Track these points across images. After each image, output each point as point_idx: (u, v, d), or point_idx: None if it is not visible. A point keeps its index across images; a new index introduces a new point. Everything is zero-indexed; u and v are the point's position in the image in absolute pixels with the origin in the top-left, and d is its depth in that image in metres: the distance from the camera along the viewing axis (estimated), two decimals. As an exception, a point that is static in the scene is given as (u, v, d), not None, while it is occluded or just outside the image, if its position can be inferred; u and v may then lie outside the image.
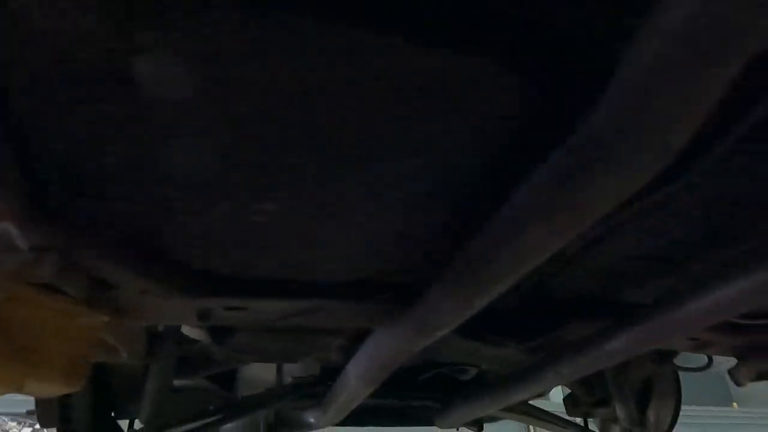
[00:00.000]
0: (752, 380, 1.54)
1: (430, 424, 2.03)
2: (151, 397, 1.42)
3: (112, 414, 1.63)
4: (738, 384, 1.61)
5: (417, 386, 1.91)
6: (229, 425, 2.03)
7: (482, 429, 2.26)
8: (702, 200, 0.91)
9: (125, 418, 1.70)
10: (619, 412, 1.93)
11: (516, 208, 0.68)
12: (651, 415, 2.07)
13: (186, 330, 1.41)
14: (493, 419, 2.42)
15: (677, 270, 1.08)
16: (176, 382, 1.88)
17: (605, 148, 0.53)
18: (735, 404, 8.55)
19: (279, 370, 1.99)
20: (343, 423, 1.94)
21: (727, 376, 1.57)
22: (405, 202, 0.82)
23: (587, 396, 2.10)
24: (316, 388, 1.83)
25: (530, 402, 2.20)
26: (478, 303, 0.87)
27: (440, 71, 0.57)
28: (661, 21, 0.40)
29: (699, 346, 1.48)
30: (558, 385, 1.42)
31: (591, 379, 2.07)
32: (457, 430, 2.35)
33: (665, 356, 1.90)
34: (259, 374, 2.06)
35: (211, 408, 1.79)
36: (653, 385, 2.06)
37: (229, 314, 1.11)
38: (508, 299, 1.19)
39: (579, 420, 2.34)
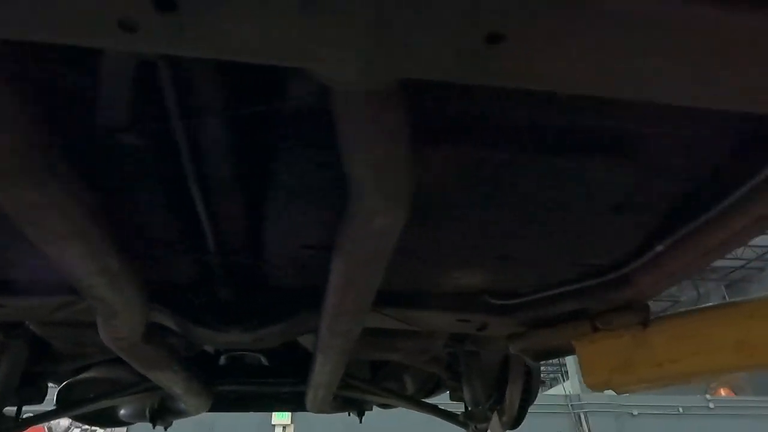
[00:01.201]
0: (535, 359, 1.64)
1: (304, 409, 2.19)
2: None
3: None
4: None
5: (280, 373, 2.08)
6: (125, 411, 2.28)
7: (363, 414, 2.42)
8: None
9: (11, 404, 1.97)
10: (465, 394, 2.03)
11: None
12: (507, 398, 2.16)
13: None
14: (386, 407, 2.57)
15: None
16: (94, 373, 2.14)
17: None
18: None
19: None
20: (216, 409, 2.15)
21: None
22: None
23: (454, 381, 2.22)
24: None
25: None
26: (101, 293, 1.05)
27: None
28: None
29: (476, 327, 1.59)
30: (333, 367, 1.58)
31: (452, 365, 2.18)
32: (349, 414, 2.52)
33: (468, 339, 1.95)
34: None
35: (93, 395, 2.03)
36: (509, 371, 2.14)
37: None
38: (223, 291, 1.36)
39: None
